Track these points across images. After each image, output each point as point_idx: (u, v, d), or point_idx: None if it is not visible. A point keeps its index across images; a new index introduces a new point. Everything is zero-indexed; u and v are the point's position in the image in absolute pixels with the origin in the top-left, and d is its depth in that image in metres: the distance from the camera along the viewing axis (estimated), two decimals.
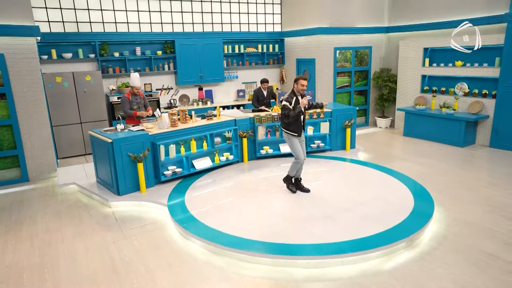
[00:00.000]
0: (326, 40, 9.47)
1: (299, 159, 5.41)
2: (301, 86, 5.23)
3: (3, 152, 6.58)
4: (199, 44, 9.48)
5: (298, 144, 5.41)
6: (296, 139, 5.43)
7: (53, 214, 5.37)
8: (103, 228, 4.90)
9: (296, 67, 10.41)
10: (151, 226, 4.91)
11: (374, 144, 8.64)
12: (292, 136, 5.41)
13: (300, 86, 5.24)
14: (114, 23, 8.65)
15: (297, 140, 5.42)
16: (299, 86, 5.24)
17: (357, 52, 10.09)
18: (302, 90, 5.27)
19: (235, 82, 10.52)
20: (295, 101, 5.26)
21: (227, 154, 6.86)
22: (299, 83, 5.23)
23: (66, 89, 8.00)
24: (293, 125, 5.32)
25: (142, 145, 5.73)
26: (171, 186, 5.99)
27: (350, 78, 10.20)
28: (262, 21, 10.52)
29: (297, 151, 5.39)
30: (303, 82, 5.23)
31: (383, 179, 6.03)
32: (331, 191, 5.61)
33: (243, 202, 5.30)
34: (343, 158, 7.19)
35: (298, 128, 5.34)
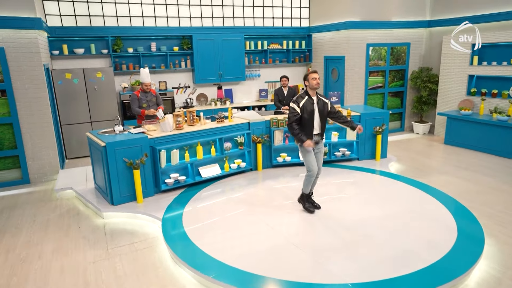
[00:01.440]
0: (357, 35, 8.52)
1: (311, 172, 4.58)
2: (313, 79, 4.42)
3: (4, 152, 6.23)
4: (218, 39, 8.82)
5: (312, 154, 4.56)
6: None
7: (41, 223, 4.88)
8: (88, 243, 4.33)
9: (324, 65, 9.51)
10: (141, 244, 4.27)
11: (409, 153, 7.60)
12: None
13: (312, 81, 4.43)
14: (129, 17, 8.17)
15: (310, 149, 4.58)
16: (311, 81, 4.43)
17: (393, 49, 9.05)
18: (317, 84, 4.44)
19: (257, 81, 9.78)
20: (306, 102, 4.45)
21: (239, 161, 6.14)
22: (310, 78, 4.44)
23: (76, 86, 7.59)
24: (305, 130, 4.50)
25: (140, 150, 5.13)
26: (172, 196, 5.35)
27: (384, 78, 9.17)
28: (288, 15, 9.70)
29: (309, 162, 4.55)
30: (314, 75, 4.43)
31: (418, 198, 5.07)
32: (353, 210, 4.74)
33: (250, 220, 4.55)
34: (371, 170, 6.26)
35: (310, 130, 4.50)
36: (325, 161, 6.52)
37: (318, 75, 4.50)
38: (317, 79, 4.45)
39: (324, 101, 4.59)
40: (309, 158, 4.55)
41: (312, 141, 4.51)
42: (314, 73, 4.48)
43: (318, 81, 4.45)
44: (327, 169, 6.35)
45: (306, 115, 4.45)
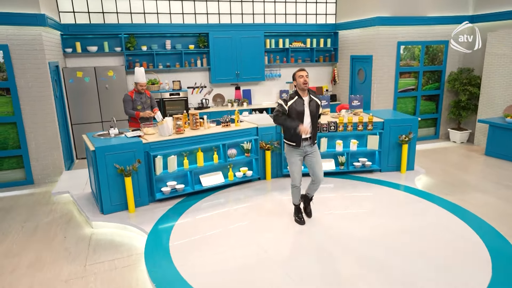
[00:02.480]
0: (387, 32, 7.73)
1: (293, 182, 4.24)
2: (299, 78, 4.02)
3: (8, 152, 6.10)
4: (236, 37, 8.34)
5: (297, 162, 4.16)
6: (294, 153, 4.14)
7: (29, 230, 4.62)
8: (68, 257, 3.98)
9: (350, 65, 8.77)
10: (123, 262, 3.87)
11: (442, 164, 6.73)
12: (289, 147, 4.17)
13: (299, 79, 4.04)
14: (143, 13, 7.88)
15: (295, 154, 4.14)
16: (298, 80, 4.06)
17: (428, 47, 8.16)
18: (305, 84, 4.02)
19: (277, 81, 9.21)
20: (296, 102, 4.05)
21: (245, 169, 5.62)
22: (297, 76, 4.07)
23: (87, 85, 7.40)
24: (293, 133, 4.07)
25: (134, 155, 4.74)
26: (168, 206, 4.94)
27: (417, 79, 8.29)
28: (312, 11, 9.04)
29: (292, 172, 4.21)
30: (300, 73, 4.04)
31: (445, 221, 4.31)
32: (364, 233, 4.08)
33: (246, 239, 4.03)
34: (393, 184, 5.52)
35: (298, 134, 4.04)
36: (342, 171, 5.87)
37: (306, 72, 4.06)
38: (304, 77, 4.01)
39: (316, 102, 4.17)
40: (292, 168, 4.20)
41: (302, 146, 4.10)
42: (301, 71, 4.05)
43: (305, 79, 4.01)
44: (343, 180, 5.69)
45: (295, 116, 4.03)
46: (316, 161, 4.19)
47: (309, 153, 4.18)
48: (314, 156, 4.19)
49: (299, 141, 4.05)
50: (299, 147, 4.09)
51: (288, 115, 4.06)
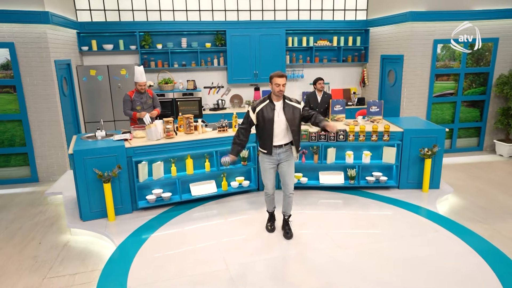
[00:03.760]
0: (421, 29, 6.82)
1: (266, 190, 4.01)
2: (275, 86, 3.60)
3: (14, 149, 6.15)
4: (255, 35, 7.86)
5: (268, 171, 3.90)
6: (266, 160, 3.81)
7: (9, 233, 4.51)
8: (31, 267, 3.77)
9: (380, 66, 7.93)
10: (83, 277, 3.57)
11: (480, 182, 5.76)
12: (262, 154, 3.85)
13: (274, 87, 3.63)
14: (159, 10, 7.66)
15: (268, 162, 3.81)
16: (274, 87, 3.67)
17: (472, 46, 7.10)
18: (279, 92, 3.60)
19: (300, 82, 8.59)
20: (265, 107, 3.68)
21: (241, 179, 5.14)
22: (273, 82, 3.66)
23: (100, 84, 7.33)
24: (262, 140, 3.78)
25: (116, 160, 4.46)
26: (151, 216, 4.62)
27: (458, 83, 7.27)
28: (341, 7, 8.30)
29: (264, 179, 3.97)
30: (277, 81, 3.59)
31: (462, 264, 3.50)
32: (356, 262, 3.42)
33: (217, 260, 3.56)
34: (409, 205, 4.73)
35: (268, 141, 3.72)
36: (352, 186, 5.19)
37: (284, 80, 3.59)
38: (280, 86, 3.59)
39: (294, 107, 3.72)
40: (265, 176, 3.95)
41: (274, 154, 3.76)
42: (279, 77, 3.59)
43: (281, 88, 3.61)
44: (352, 197, 5.02)
45: (263, 122, 3.67)
46: (287, 170, 3.89)
47: (283, 161, 3.86)
48: (286, 166, 3.88)
49: (270, 148, 3.74)
50: (270, 154, 3.76)
51: (256, 124, 3.79)
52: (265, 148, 3.79)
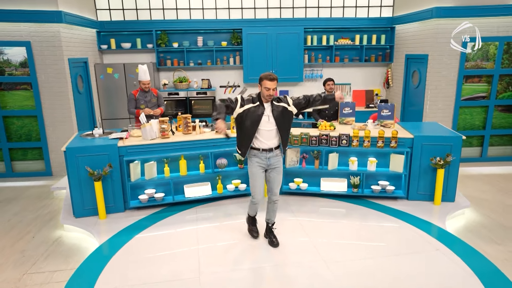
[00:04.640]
0: (447, 26, 6.26)
1: (254, 199, 3.73)
2: (265, 90, 3.35)
3: (31, 143, 6.41)
4: (272, 33, 7.64)
5: (258, 176, 3.59)
6: (256, 162, 3.54)
7: (10, 225, 4.66)
8: (17, 261, 3.84)
9: (405, 66, 7.41)
10: (62, 275, 3.58)
11: (508, 198, 5.17)
12: (250, 156, 3.58)
13: (264, 90, 3.38)
14: (175, 9, 7.67)
15: (257, 164, 3.54)
16: (263, 90, 3.42)
17: (510, 44, 6.42)
18: (268, 97, 3.38)
19: (319, 82, 8.25)
20: (253, 108, 3.43)
21: (237, 182, 4.97)
22: (262, 86, 3.42)
23: (117, 81, 7.47)
24: (243, 141, 3.53)
25: (108, 159, 4.46)
26: (142, 215, 4.59)
27: (491, 85, 6.60)
28: (364, 3, 7.86)
29: (252, 186, 3.66)
30: (268, 84, 3.33)
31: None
32: (339, 281, 3.13)
33: (193, 268, 3.42)
34: (415, 219, 4.31)
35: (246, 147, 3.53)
36: (355, 195, 4.84)
37: (274, 85, 3.34)
38: (270, 90, 3.33)
39: (283, 107, 3.49)
40: (253, 182, 3.63)
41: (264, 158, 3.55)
42: (270, 80, 3.33)
43: (271, 93, 3.36)
44: (354, 206, 4.68)
45: (249, 123, 3.42)
46: (276, 177, 3.68)
47: (272, 167, 3.63)
48: (275, 173, 3.66)
49: (246, 151, 3.54)
50: (243, 156, 3.59)
51: (240, 120, 3.50)
52: (241, 149, 3.60)
